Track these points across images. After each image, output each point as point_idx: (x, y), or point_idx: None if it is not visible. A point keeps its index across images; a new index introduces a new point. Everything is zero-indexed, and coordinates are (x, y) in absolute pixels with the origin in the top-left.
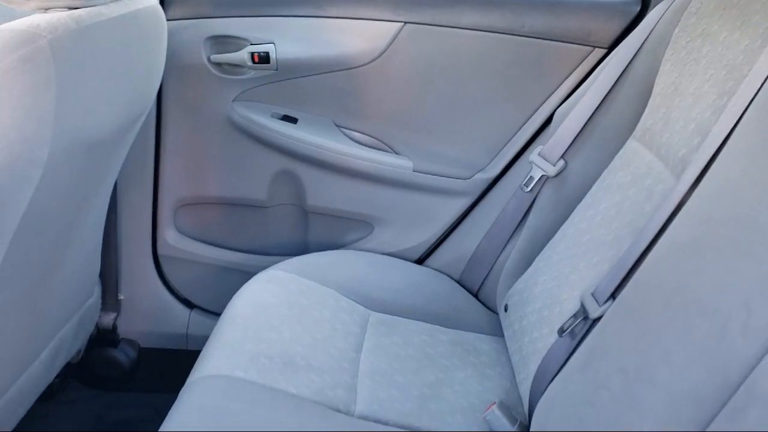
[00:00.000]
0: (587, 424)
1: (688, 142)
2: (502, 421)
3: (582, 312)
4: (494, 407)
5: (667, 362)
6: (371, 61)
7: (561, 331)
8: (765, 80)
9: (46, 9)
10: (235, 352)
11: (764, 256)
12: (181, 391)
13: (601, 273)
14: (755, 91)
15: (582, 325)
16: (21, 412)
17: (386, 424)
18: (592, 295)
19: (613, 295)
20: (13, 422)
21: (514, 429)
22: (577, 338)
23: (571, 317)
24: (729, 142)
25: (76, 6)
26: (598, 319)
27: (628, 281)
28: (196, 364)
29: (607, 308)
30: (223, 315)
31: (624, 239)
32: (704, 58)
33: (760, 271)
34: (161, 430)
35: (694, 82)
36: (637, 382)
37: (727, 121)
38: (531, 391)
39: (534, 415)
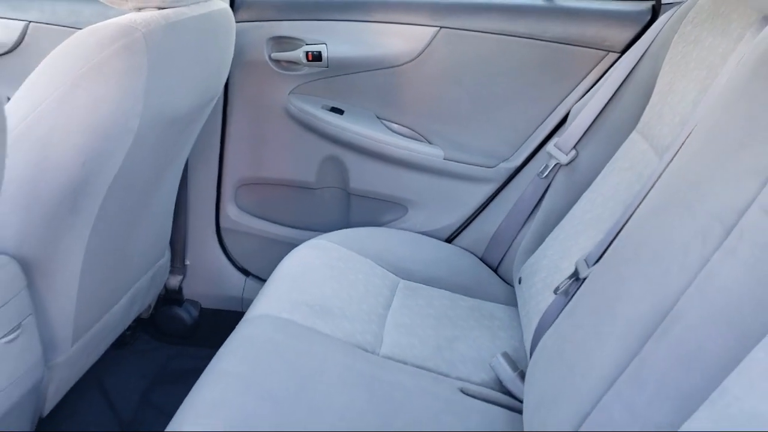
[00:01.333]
0: (564, 356)
1: (672, 132)
2: (505, 367)
3: (575, 274)
4: (499, 355)
5: (627, 301)
6: (410, 61)
7: (556, 290)
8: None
9: (140, 8)
10: (282, 300)
11: (699, 212)
12: (237, 326)
13: (595, 243)
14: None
15: (574, 285)
16: (101, 349)
17: (405, 363)
18: (585, 260)
19: (600, 258)
20: (94, 357)
21: (515, 375)
22: (570, 296)
23: (566, 279)
24: (696, 127)
25: (165, 6)
26: (587, 278)
27: (611, 245)
28: (250, 307)
29: (594, 269)
30: (274, 272)
31: (616, 214)
32: (693, 61)
33: (696, 222)
34: (223, 347)
35: (683, 82)
36: (604, 319)
37: (700, 111)
38: (531, 343)
39: (530, 360)
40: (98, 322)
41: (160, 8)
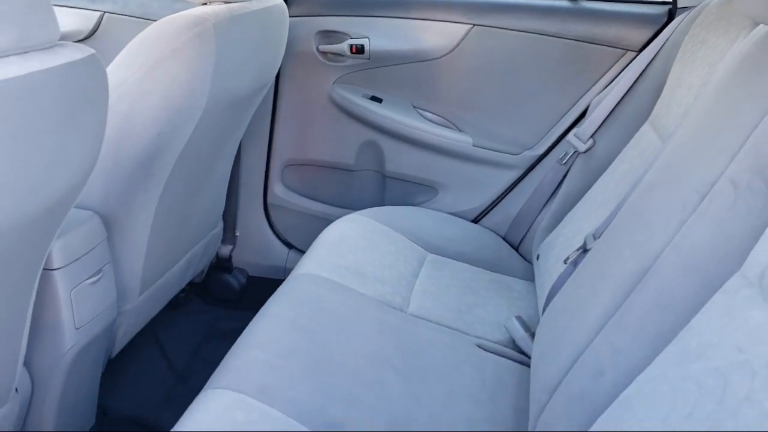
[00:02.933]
0: (566, 312)
1: (676, 122)
2: (518, 328)
3: (583, 246)
4: (513, 318)
5: (618, 262)
6: (444, 55)
7: (566, 261)
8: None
9: (210, 2)
10: (323, 262)
11: (683, 185)
12: (284, 282)
13: (603, 220)
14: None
15: (582, 256)
16: (161, 304)
17: (429, 321)
18: (593, 234)
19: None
20: (155, 311)
21: (527, 335)
22: (577, 265)
23: (575, 251)
24: (690, 115)
25: (230, 1)
26: (591, 249)
27: (613, 220)
28: (295, 268)
29: (597, 240)
30: (316, 240)
31: (622, 194)
32: (698, 59)
33: (679, 194)
34: (272, 298)
35: (689, 78)
36: (599, 279)
37: (697, 102)
38: (543, 308)
39: (540, 320)
40: (160, 278)
41: (226, 2)
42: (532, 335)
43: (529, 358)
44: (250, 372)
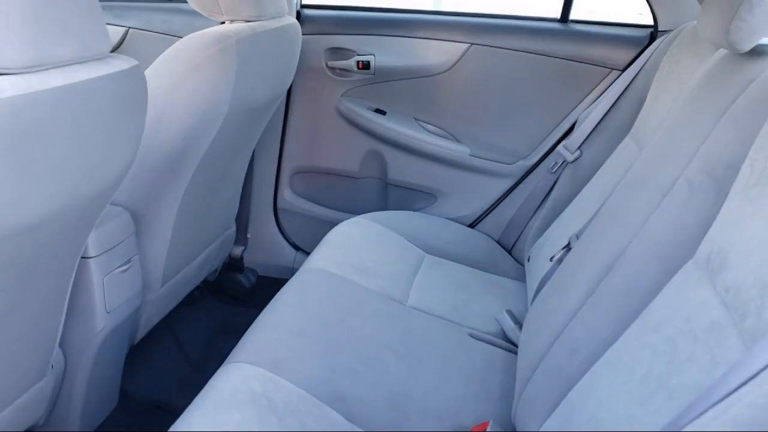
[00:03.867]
0: (549, 302)
1: (651, 134)
2: (507, 320)
3: (567, 245)
4: (504, 311)
5: (594, 255)
6: (444, 72)
7: (551, 259)
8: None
9: (232, 21)
10: (329, 259)
11: (650, 186)
12: (293, 277)
13: (586, 221)
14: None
15: (566, 254)
16: (179, 297)
17: (426, 313)
18: (576, 235)
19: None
20: (173, 304)
21: (515, 326)
22: (561, 263)
23: (560, 250)
24: (661, 127)
25: (252, 19)
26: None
27: (593, 219)
28: (303, 264)
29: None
30: (322, 240)
31: (603, 199)
32: (673, 78)
33: (647, 194)
34: (283, 289)
35: (665, 95)
36: (578, 270)
37: (669, 115)
38: (531, 302)
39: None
40: (180, 272)
41: (247, 21)
42: (521, 327)
43: (517, 347)
44: (265, 349)
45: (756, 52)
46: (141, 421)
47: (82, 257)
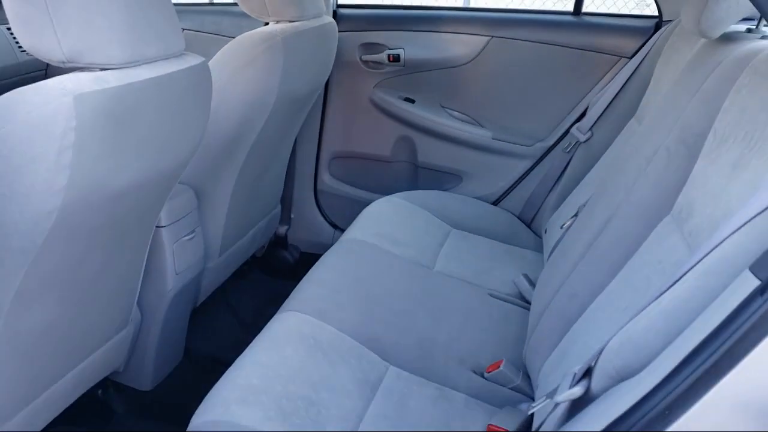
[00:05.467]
0: (556, 263)
1: (651, 113)
2: (524, 282)
3: (575, 215)
4: (521, 275)
5: (593, 216)
6: (467, 63)
7: (561, 226)
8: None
9: (277, 21)
10: (365, 231)
11: (639, 155)
12: (334, 245)
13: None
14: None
15: (574, 222)
16: (232, 268)
17: (451, 276)
18: (583, 205)
19: None
20: (228, 272)
21: (531, 288)
22: (569, 229)
23: (570, 218)
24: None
25: (295, 20)
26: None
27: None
28: (342, 235)
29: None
30: (358, 216)
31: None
32: (672, 63)
33: (637, 160)
34: (326, 253)
35: (664, 79)
36: (581, 231)
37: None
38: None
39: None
40: (234, 245)
41: (291, 21)
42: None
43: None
44: (311, 300)
45: (726, 37)
46: (202, 373)
47: (156, 226)
